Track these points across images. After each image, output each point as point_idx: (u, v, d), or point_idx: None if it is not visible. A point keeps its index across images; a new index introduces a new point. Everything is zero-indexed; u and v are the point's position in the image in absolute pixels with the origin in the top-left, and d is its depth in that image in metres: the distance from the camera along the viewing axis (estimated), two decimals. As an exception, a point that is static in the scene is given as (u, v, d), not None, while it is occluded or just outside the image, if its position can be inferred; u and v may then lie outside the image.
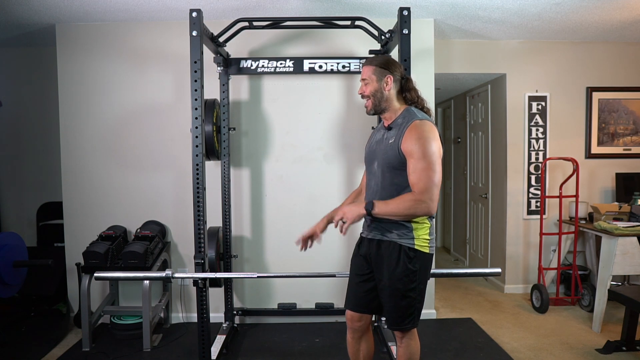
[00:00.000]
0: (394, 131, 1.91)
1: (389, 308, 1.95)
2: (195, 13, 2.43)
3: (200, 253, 2.50)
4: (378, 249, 1.96)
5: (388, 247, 1.93)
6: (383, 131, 2.00)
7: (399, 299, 1.91)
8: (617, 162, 4.07)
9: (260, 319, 3.52)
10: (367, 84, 1.96)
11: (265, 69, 3.16)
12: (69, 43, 3.43)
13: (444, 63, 3.93)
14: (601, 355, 2.88)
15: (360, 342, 2.13)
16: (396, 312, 1.93)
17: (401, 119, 1.92)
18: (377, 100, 1.95)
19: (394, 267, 1.90)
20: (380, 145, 1.97)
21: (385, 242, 1.94)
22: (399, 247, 1.90)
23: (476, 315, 3.64)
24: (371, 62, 1.98)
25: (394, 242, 1.92)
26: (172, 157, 3.45)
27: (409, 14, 2.44)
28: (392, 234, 1.92)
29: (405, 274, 1.89)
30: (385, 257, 1.93)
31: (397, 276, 1.90)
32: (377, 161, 1.96)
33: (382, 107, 1.96)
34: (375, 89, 1.94)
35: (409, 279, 1.90)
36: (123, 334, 3.17)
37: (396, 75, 1.95)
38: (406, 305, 1.92)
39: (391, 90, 1.95)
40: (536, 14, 3.29)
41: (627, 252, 3.15)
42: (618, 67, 4.03)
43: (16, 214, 4.08)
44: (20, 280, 3.15)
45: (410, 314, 1.93)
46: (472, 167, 5.03)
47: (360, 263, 2.06)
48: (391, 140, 1.90)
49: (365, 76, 1.97)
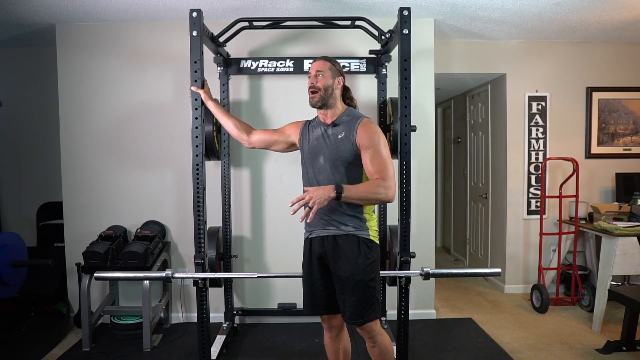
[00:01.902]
0: (342, 127, 2.01)
1: (352, 302, 1.95)
2: (195, 13, 2.43)
3: (200, 253, 2.50)
4: (335, 244, 1.99)
5: (346, 240, 1.97)
6: (323, 127, 2.07)
7: (362, 290, 1.94)
8: (617, 162, 4.07)
9: (260, 319, 3.52)
10: (322, 77, 2.02)
11: (265, 69, 3.16)
12: (69, 43, 3.43)
13: (444, 63, 3.93)
14: (601, 355, 2.88)
15: (339, 341, 2.17)
16: (360, 305, 1.95)
17: (346, 117, 2.04)
18: (327, 95, 2.03)
19: (355, 258, 1.94)
20: (325, 141, 2.04)
21: (342, 236, 1.98)
22: (357, 239, 1.96)
23: (476, 315, 3.64)
24: (325, 59, 2.08)
25: (351, 235, 1.97)
26: (172, 157, 3.45)
27: (409, 14, 2.44)
28: (349, 227, 1.97)
29: (367, 264, 1.96)
30: (344, 250, 1.96)
31: (360, 267, 1.94)
32: (324, 156, 2.02)
33: (329, 102, 2.04)
34: (328, 84, 2.03)
35: (370, 269, 1.96)
36: (123, 334, 3.17)
37: (343, 80, 2.08)
38: (369, 295, 1.95)
39: (338, 92, 2.06)
40: (536, 14, 3.29)
41: (627, 252, 3.16)
42: (618, 67, 4.03)
43: (16, 214, 4.09)
44: (20, 280, 3.15)
45: (372, 304, 1.97)
46: (472, 167, 5.03)
47: (315, 267, 2.07)
48: (340, 135, 1.99)
49: (321, 68, 2.03)
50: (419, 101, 3.39)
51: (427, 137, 3.50)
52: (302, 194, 1.86)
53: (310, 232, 2.09)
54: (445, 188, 6.18)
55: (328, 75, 2.03)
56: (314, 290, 2.08)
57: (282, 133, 2.26)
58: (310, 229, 2.09)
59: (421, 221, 3.49)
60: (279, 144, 2.27)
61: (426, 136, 3.49)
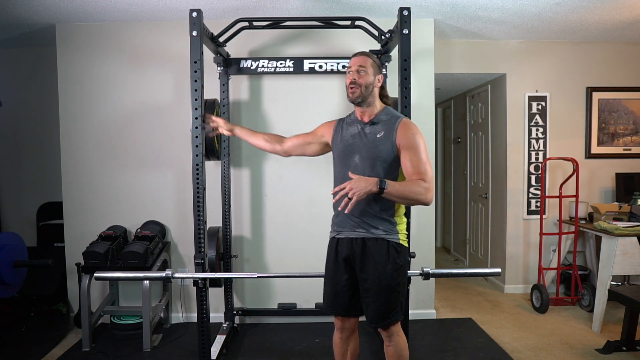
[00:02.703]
0: (381, 126, 1.97)
1: (376, 305, 1.94)
2: (195, 13, 2.43)
3: (200, 253, 2.50)
4: (364, 247, 1.96)
5: (375, 244, 1.94)
6: (360, 125, 2.02)
7: (387, 294, 1.93)
8: (617, 162, 4.07)
9: (260, 319, 3.52)
10: (365, 73, 1.97)
11: (265, 69, 3.15)
12: (69, 43, 3.43)
13: (444, 63, 3.93)
14: (601, 355, 2.88)
15: (348, 342, 2.15)
16: (383, 308, 1.94)
17: (385, 116, 1.99)
18: (368, 92, 1.98)
19: (383, 264, 1.92)
20: (361, 139, 1.99)
21: (371, 239, 1.95)
22: (387, 243, 1.94)
23: (476, 315, 3.64)
24: (369, 55, 2.02)
25: (381, 239, 1.94)
26: (172, 157, 3.45)
27: (409, 14, 2.44)
28: (379, 231, 1.94)
29: (395, 269, 1.93)
30: (372, 254, 1.94)
31: (388, 273, 1.92)
32: (360, 155, 1.98)
33: (368, 100, 1.99)
34: (369, 81, 1.98)
35: (397, 274, 1.94)
36: (123, 334, 3.17)
37: (382, 78, 2.04)
38: (393, 299, 1.94)
39: (377, 90, 2.02)
40: (536, 14, 3.29)
41: (627, 252, 3.15)
42: (618, 67, 4.03)
43: (16, 214, 4.08)
44: (20, 280, 3.15)
45: (394, 308, 1.95)
46: (472, 167, 5.03)
47: (340, 268, 2.04)
48: (379, 135, 1.95)
49: (364, 64, 1.98)
50: (419, 101, 3.39)
51: (427, 137, 3.44)
52: (344, 184, 1.78)
53: (338, 232, 2.06)
54: (445, 188, 6.18)
55: (370, 72, 1.98)
56: (337, 291, 2.05)
57: (315, 134, 2.22)
58: (338, 229, 2.06)
59: (421, 221, 3.49)
60: (312, 146, 2.22)
61: (426, 136, 3.44)
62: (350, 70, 2.00)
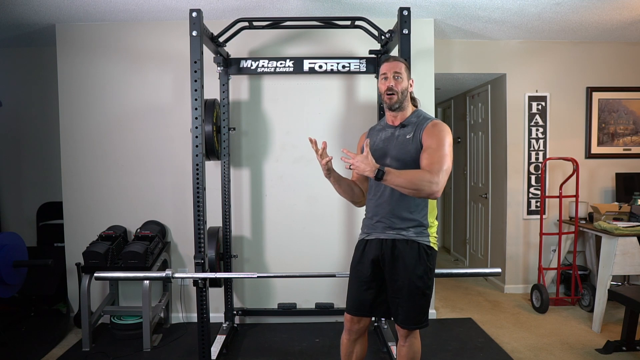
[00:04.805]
0: (410, 128, 1.98)
1: (407, 308, 1.93)
2: (195, 13, 2.43)
3: (200, 253, 2.50)
4: (393, 249, 1.95)
5: (406, 245, 1.93)
6: (391, 129, 2.03)
7: (418, 297, 1.92)
8: (617, 162, 4.07)
9: (260, 319, 3.52)
10: (401, 80, 1.98)
11: (265, 69, 3.15)
12: (69, 43, 3.43)
13: (444, 63, 3.93)
14: (601, 355, 2.88)
15: (356, 344, 2.13)
16: (415, 311, 1.93)
17: (415, 118, 2.00)
18: (403, 97, 2.00)
19: (414, 266, 1.91)
20: (391, 142, 2.00)
21: (401, 241, 1.94)
22: (418, 245, 1.93)
23: (476, 315, 3.64)
24: (402, 61, 2.03)
25: (412, 240, 1.93)
26: (172, 157, 3.45)
27: (409, 14, 2.44)
28: (409, 232, 1.93)
29: (425, 272, 1.93)
30: (403, 256, 1.93)
31: (418, 275, 1.91)
32: (391, 156, 1.98)
33: (404, 104, 2.01)
34: (405, 86, 2.00)
35: (428, 277, 1.94)
36: (123, 334, 3.17)
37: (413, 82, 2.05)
38: (424, 303, 1.94)
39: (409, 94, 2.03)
40: (536, 14, 3.29)
41: (627, 252, 3.15)
42: (618, 67, 4.03)
43: (16, 214, 4.08)
44: (20, 280, 3.15)
45: (425, 312, 1.96)
46: (472, 167, 5.03)
47: (367, 270, 2.01)
48: (409, 135, 1.96)
49: (400, 70, 1.99)
50: (419, 101, 3.39)
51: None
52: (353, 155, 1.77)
53: (368, 233, 2.05)
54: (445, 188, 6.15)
55: (405, 77, 1.99)
56: (361, 293, 2.03)
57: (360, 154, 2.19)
58: (368, 231, 2.05)
59: (421, 221, 3.48)
60: None
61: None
62: (385, 76, 1.99)
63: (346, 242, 3.47)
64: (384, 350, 2.94)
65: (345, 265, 3.40)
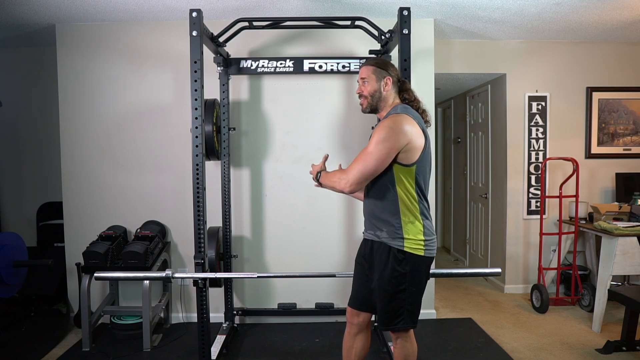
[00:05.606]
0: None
1: (379, 308, 1.97)
2: (195, 13, 2.43)
3: (200, 253, 2.50)
4: (371, 250, 1.99)
5: (379, 248, 1.95)
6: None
7: (387, 300, 1.92)
8: (617, 162, 4.07)
9: (260, 319, 3.52)
10: (367, 83, 1.98)
11: (265, 69, 3.15)
12: (69, 43, 3.43)
13: (444, 63, 3.93)
14: (601, 355, 2.88)
15: (355, 339, 2.14)
16: (385, 313, 1.95)
17: (387, 114, 1.96)
18: (375, 100, 1.99)
19: (382, 268, 1.92)
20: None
21: (376, 242, 1.97)
22: (388, 249, 1.91)
23: (476, 315, 3.64)
24: (370, 63, 2.02)
25: (384, 244, 1.93)
26: (172, 157, 3.45)
27: (409, 14, 2.44)
28: (383, 233, 1.94)
29: (393, 276, 1.90)
30: (376, 258, 1.96)
31: (386, 278, 1.91)
32: None
33: (378, 106, 2.00)
34: (375, 89, 1.97)
35: (397, 281, 1.90)
36: (123, 334, 3.17)
37: (394, 77, 1.99)
38: (395, 307, 1.92)
39: (389, 92, 1.98)
40: (536, 14, 3.29)
41: (627, 252, 3.15)
42: (618, 67, 4.03)
43: (16, 214, 4.08)
44: (20, 280, 3.15)
45: (399, 315, 1.93)
46: (472, 167, 5.03)
47: (362, 263, 2.09)
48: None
49: (364, 75, 1.99)
50: (419, 101, 3.38)
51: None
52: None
53: (364, 232, 2.11)
54: (445, 188, 6.18)
55: (373, 80, 1.96)
56: (358, 286, 2.10)
57: None
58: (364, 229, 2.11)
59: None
60: None
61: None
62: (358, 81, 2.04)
63: (346, 242, 3.47)
64: (384, 350, 2.94)
65: (346, 265, 3.42)
